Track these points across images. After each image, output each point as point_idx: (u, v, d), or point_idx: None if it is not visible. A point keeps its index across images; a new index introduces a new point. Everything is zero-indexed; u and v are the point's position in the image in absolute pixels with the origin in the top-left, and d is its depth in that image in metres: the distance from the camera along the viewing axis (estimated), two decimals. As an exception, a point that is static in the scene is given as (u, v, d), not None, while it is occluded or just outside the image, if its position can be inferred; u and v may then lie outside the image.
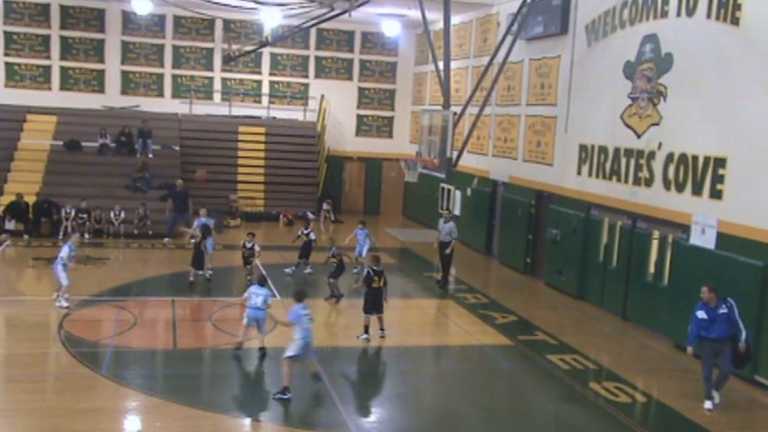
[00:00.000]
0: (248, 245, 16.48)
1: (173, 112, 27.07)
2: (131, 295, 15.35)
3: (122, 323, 13.31)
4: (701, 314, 10.43)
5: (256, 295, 11.81)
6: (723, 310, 10.37)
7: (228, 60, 25.85)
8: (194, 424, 9.39)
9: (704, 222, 12.85)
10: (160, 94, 27.72)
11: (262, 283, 12.19)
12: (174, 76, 27.80)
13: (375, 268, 13.14)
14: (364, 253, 17.81)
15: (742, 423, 10.46)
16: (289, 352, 10.27)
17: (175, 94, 27.81)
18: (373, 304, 13.00)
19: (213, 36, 27.87)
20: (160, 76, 27.71)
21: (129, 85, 27.50)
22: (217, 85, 28.19)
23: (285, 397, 10.05)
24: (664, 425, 10.31)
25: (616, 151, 15.61)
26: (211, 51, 27.94)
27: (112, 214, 21.45)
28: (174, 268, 17.95)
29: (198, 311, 14.75)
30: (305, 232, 18.01)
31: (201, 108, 27.74)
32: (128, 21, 27.13)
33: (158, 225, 21.65)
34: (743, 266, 11.78)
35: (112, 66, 27.30)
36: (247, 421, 9.70)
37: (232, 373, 11.37)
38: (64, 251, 13.99)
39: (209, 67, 28.02)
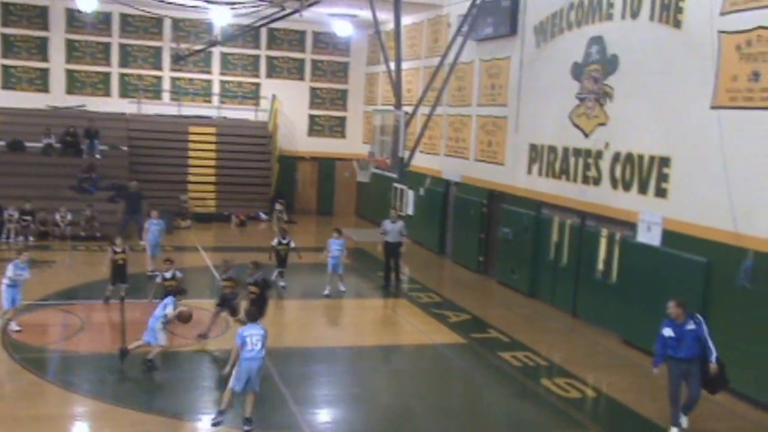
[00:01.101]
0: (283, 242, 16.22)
1: (121, 112, 26.60)
2: (78, 299, 15.01)
3: (69, 327, 13.02)
4: (667, 332, 9.48)
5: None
6: (690, 326, 9.42)
7: (177, 59, 25.53)
8: (145, 429, 9.23)
9: (650, 220, 13.14)
10: (107, 94, 27.17)
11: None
12: (121, 75, 27.30)
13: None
14: (341, 269, 16.39)
15: (690, 417, 10.69)
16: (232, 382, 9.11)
17: (123, 94, 27.30)
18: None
19: (161, 35, 27.45)
20: (107, 75, 27.18)
21: (75, 84, 26.91)
22: (167, 85, 27.77)
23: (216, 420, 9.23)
24: (613, 419, 10.52)
25: (565, 150, 15.87)
26: (159, 50, 27.51)
27: (57, 216, 20.97)
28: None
29: (147, 314, 14.44)
30: (284, 241, 16.48)
31: (150, 108, 27.30)
32: (73, 19, 26.54)
33: (107, 227, 21.23)
34: (688, 263, 12.09)
35: (57, 65, 26.67)
36: (200, 424, 9.58)
37: (184, 377, 11.22)
38: (10, 271, 12.59)
39: (158, 67, 27.58)
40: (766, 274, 10.65)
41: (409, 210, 22.91)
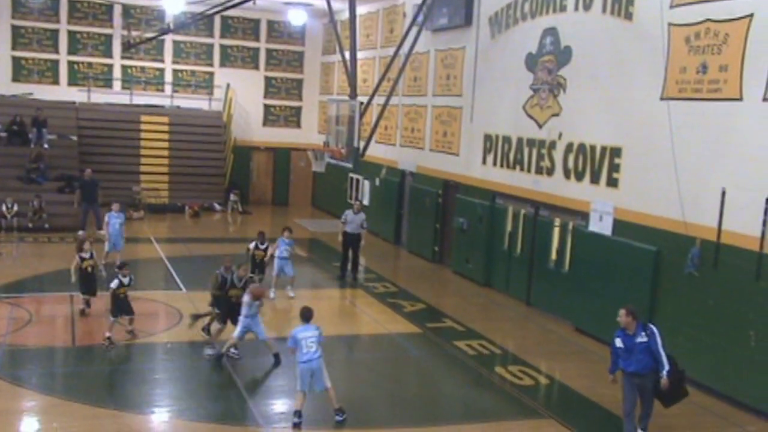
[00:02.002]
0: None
1: (70, 101, 25.93)
2: (26, 292, 14.66)
3: (16, 321, 12.70)
4: (618, 342, 8.94)
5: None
6: (641, 338, 8.82)
7: (128, 47, 25.01)
8: (96, 423, 9.07)
9: (602, 209, 13.36)
10: (56, 82, 26.47)
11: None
12: (70, 63, 26.62)
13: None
14: (291, 270, 15.17)
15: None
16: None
17: (72, 82, 26.62)
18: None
19: (111, 22, 26.82)
20: (55, 63, 26.47)
21: (21, 71, 26.13)
22: (117, 73, 27.16)
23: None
24: (566, 406, 10.68)
25: (519, 140, 16.02)
26: (110, 37, 26.87)
27: (3, 207, 20.43)
28: (72, 262, 17.24)
29: (98, 306, 14.20)
30: (261, 246, 15.08)
31: (100, 96, 26.67)
32: (19, 4, 25.76)
33: (55, 218, 20.77)
34: (638, 251, 12.33)
35: (2, 52, 25.83)
36: (152, 417, 9.45)
37: (136, 369, 11.06)
38: None
39: (108, 54, 26.94)
40: (713, 261, 10.92)
41: (365, 200, 22.91)
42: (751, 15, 10.46)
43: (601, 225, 13.36)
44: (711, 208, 10.97)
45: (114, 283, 11.93)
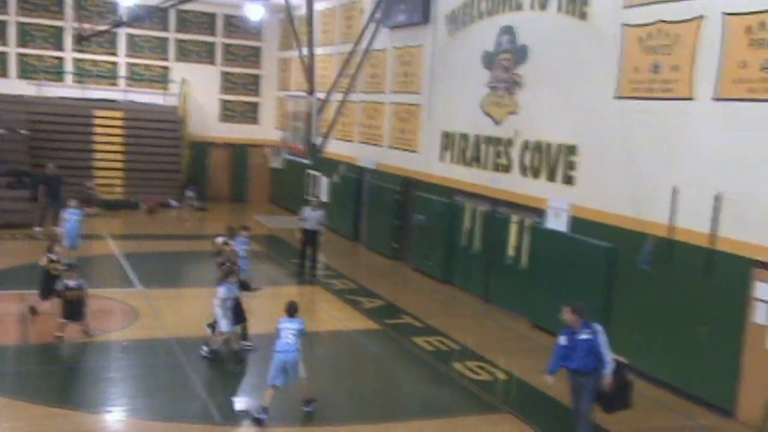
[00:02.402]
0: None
1: (20, 94, 25.30)
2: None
3: (-35, 320, 12.38)
4: (562, 340, 8.85)
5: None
6: (584, 335, 8.67)
7: (80, 40, 24.49)
8: (49, 422, 8.89)
9: (558, 206, 13.54)
10: (4, 74, 25.75)
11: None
12: (20, 56, 25.97)
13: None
14: (248, 270, 14.28)
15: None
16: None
17: (22, 75, 25.97)
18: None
19: (62, 14, 26.24)
20: (4, 55, 25.77)
21: (-32, 64, 25.49)
22: (69, 66, 26.60)
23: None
24: (523, 401, 10.81)
25: (477, 138, 16.13)
26: (61, 30, 26.27)
27: (-49, 204, 19.88)
28: (24, 259, 16.87)
29: (51, 304, 13.90)
30: (231, 242, 14.26)
31: (52, 90, 26.07)
32: (-34, -5, 25.12)
33: (5, 214, 20.26)
34: (593, 248, 12.53)
35: (-52, 43, 25.18)
36: (107, 416, 9.30)
37: (90, 368, 10.86)
38: None
39: (59, 47, 26.37)
40: (666, 258, 11.16)
41: (324, 197, 22.85)
42: (702, 17, 10.71)
43: (557, 222, 13.54)
44: (663, 206, 11.20)
45: (60, 285, 11.65)
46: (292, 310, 9.60)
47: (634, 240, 11.65)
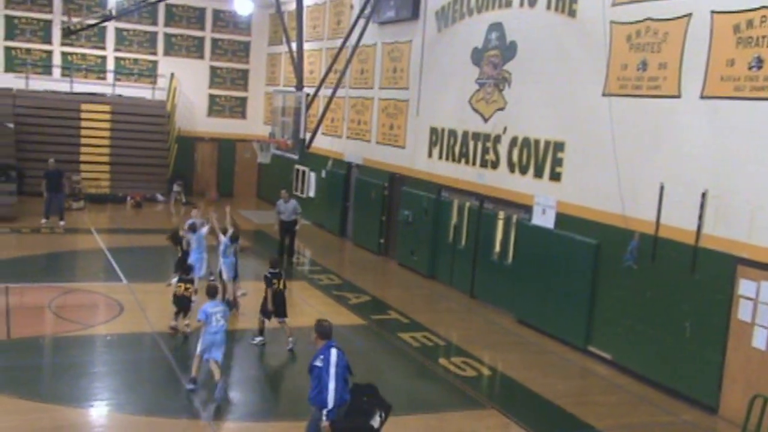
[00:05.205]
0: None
1: (7, 87, 25.09)
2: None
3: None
4: (318, 362, 7.27)
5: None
6: (317, 362, 7.16)
7: (68, 33, 24.31)
8: (32, 417, 8.81)
9: (544, 203, 13.57)
10: (-9, 68, 25.65)
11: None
12: (7, 49, 25.76)
13: (272, 270, 11.89)
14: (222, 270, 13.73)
15: (577, 390, 11.17)
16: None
17: (9, 68, 25.77)
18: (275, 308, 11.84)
19: (51, 7, 26.04)
20: (-9, 48, 25.64)
21: (-46, 56, 25.25)
22: (57, 60, 26.41)
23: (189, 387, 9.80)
24: (507, 396, 10.83)
25: (465, 134, 16.14)
26: (49, 23, 26.08)
27: (-65, 196, 19.70)
28: (10, 253, 16.77)
29: (36, 298, 13.83)
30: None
31: (39, 83, 25.89)
32: (-48, -13, 24.89)
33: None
34: (579, 244, 12.57)
35: (-65, 35, 24.94)
36: (91, 411, 9.24)
37: (74, 363, 10.77)
38: None
39: (47, 40, 26.17)
40: (651, 254, 11.20)
41: (311, 192, 22.82)
42: (690, 15, 10.74)
43: (543, 218, 13.57)
44: (650, 203, 11.25)
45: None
46: (213, 294, 10.11)
47: (620, 237, 11.69)
